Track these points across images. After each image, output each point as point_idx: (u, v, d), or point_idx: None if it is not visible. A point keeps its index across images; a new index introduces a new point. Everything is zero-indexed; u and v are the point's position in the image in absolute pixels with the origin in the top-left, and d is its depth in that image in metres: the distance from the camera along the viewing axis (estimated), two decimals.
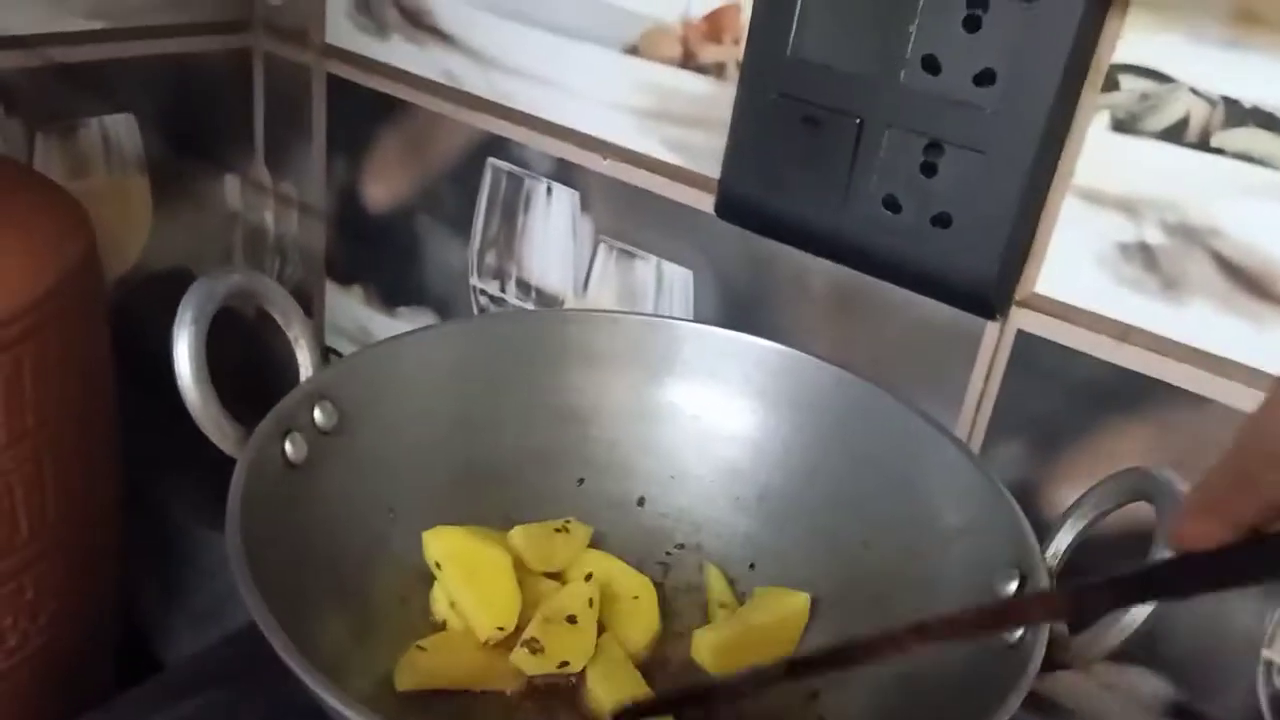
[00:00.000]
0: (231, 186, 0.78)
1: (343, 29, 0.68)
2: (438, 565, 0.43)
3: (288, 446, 0.39)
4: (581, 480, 0.50)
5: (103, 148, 0.68)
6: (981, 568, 0.39)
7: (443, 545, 0.43)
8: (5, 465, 0.39)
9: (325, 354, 0.78)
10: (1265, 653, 0.43)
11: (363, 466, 0.43)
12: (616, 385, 0.50)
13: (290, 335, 0.42)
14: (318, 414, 0.41)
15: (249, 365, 0.56)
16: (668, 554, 0.49)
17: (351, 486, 0.42)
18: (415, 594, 0.44)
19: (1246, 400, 0.41)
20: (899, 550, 0.43)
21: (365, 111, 0.68)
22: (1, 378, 0.38)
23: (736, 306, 0.55)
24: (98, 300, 0.44)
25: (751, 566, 0.47)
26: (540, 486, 0.49)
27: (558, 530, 0.47)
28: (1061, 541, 0.37)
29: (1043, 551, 0.37)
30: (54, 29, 0.63)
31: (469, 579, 0.43)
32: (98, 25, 0.65)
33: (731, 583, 0.47)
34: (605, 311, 0.51)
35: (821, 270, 0.51)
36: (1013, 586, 0.37)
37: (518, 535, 0.45)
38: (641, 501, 0.50)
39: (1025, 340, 0.46)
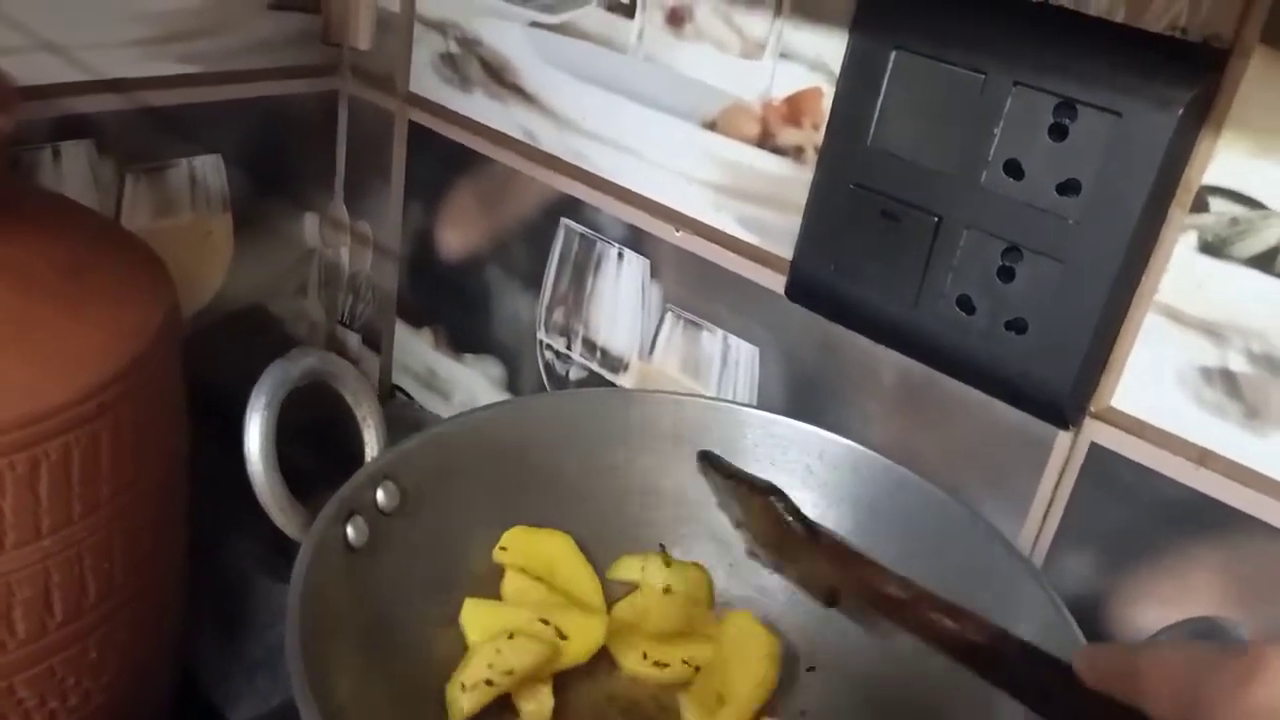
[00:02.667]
0: (310, 224, 0.79)
1: (427, 79, 0.69)
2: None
3: (349, 530, 0.40)
4: (663, 546, 0.50)
5: (189, 188, 0.70)
6: None
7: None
8: (78, 535, 0.40)
9: (392, 391, 0.80)
10: None
11: (421, 546, 0.43)
12: (677, 468, 0.50)
13: (359, 415, 0.43)
14: (380, 495, 0.42)
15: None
16: None
17: (409, 567, 0.43)
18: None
19: None
20: (956, 667, 0.42)
21: (444, 160, 0.69)
22: (79, 452, 0.39)
23: (802, 388, 0.54)
24: (175, 365, 0.45)
25: (810, 670, 0.47)
26: (596, 565, 0.49)
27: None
28: None
29: None
30: (148, 73, 0.65)
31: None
32: (190, 70, 0.67)
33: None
34: (669, 393, 0.51)
35: (891, 361, 0.50)
36: None
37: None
38: None
39: (1098, 453, 0.44)
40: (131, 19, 0.62)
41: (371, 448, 0.43)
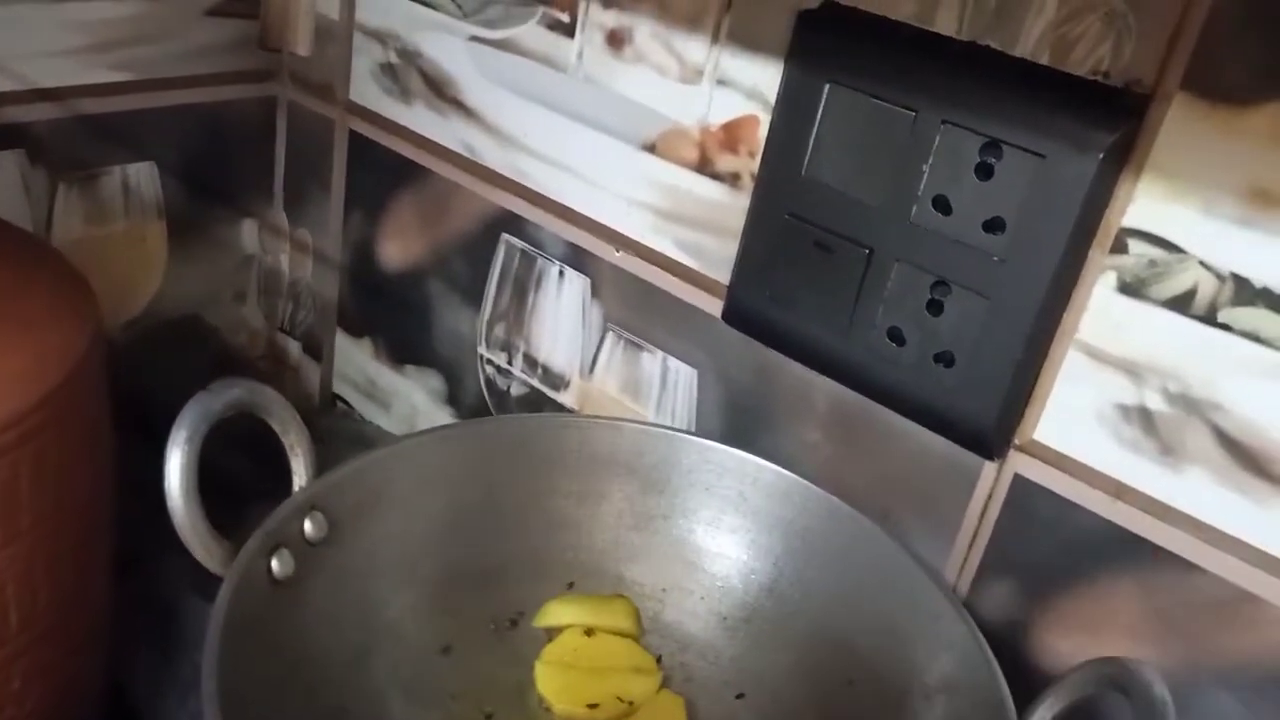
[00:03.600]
0: (249, 231, 0.78)
1: (367, 89, 0.68)
2: None
3: (274, 563, 0.40)
4: (571, 585, 0.50)
5: (123, 196, 0.69)
6: None
7: None
8: None
9: (333, 400, 0.79)
10: None
11: (350, 577, 0.43)
12: (612, 493, 0.50)
13: (286, 444, 0.42)
14: (308, 525, 0.42)
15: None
16: None
17: (337, 598, 0.42)
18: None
19: (1240, 574, 0.40)
20: (881, 696, 0.43)
21: (385, 171, 0.69)
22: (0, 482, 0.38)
23: (739, 411, 0.55)
24: (100, 389, 0.45)
25: (740, 697, 0.47)
26: (528, 593, 0.49)
27: None
28: (1041, 718, 0.37)
29: None
30: (82, 81, 0.64)
31: None
32: (125, 77, 0.65)
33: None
34: (607, 419, 0.51)
35: (825, 387, 0.51)
36: None
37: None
38: None
39: (1022, 484, 0.45)
40: (65, 27, 0.61)
41: (300, 477, 0.42)
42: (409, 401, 0.73)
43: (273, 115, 0.75)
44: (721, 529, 0.49)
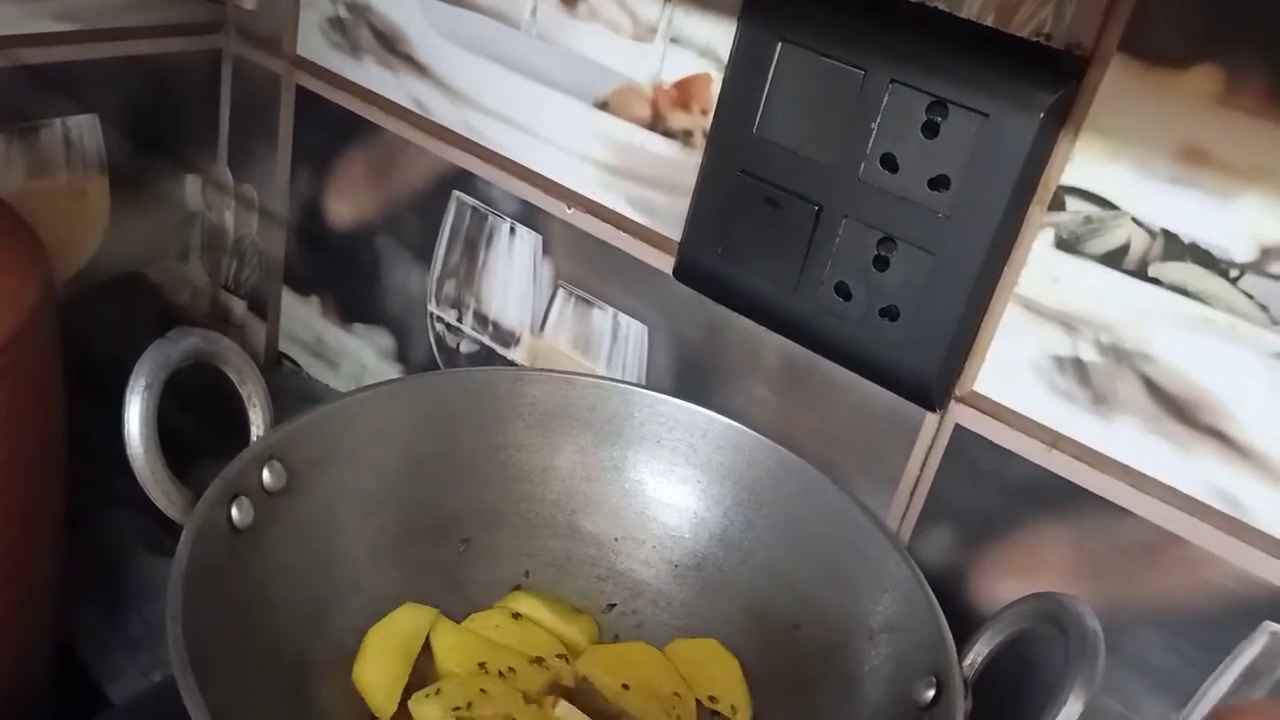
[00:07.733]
0: (193, 187, 0.77)
1: (315, 43, 0.68)
2: None
3: (234, 511, 0.40)
4: (527, 573, 0.51)
5: (64, 149, 0.67)
6: (903, 669, 0.40)
7: None
8: None
9: (279, 359, 0.79)
10: None
11: (308, 527, 0.44)
12: (566, 446, 0.51)
13: (244, 394, 0.43)
14: (266, 475, 0.42)
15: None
16: (601, 614, 0.50)
17: (296, 548, 0.43)
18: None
19: (1166, 517, 0.42)
20: (826, 639, 0.44)
21: (333, 127, 0.68)
22: None
23: (689, 366, 0.56)
24: (51, 341, 0.44)
25: None
26: (485, 544, 0.50)
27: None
28: (979, 653, 0.39)
29: (960, 660, 0.39)
30: (23, 30, 0.62)
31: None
32: (67, 27, 0.64)
33: None
34: (559, 372, 0.52)
35: (773, 342, 0.52)
36: (929, 695, 0.38)
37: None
38: (581, 562, 0.51)
39: (962, 435, 0.47)
40: None
41: (258, 427, 0.43)
42: (358, 360, 0.73)
43: (218, 69, 0.74)
44: (673, 480, 0.50)
